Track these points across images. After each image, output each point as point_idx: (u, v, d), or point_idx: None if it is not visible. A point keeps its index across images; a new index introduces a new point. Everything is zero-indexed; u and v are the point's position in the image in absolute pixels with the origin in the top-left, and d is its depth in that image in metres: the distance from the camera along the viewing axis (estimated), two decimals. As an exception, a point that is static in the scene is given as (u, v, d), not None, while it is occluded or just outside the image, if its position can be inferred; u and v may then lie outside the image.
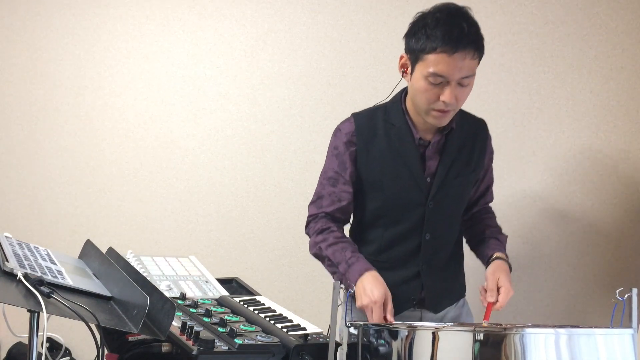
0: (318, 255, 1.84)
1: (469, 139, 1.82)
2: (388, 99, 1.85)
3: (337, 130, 1.84)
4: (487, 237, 1.86)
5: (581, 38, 2.48)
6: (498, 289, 1.67)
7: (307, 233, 1.89)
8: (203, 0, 2.72)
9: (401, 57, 1.72)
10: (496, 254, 1.78)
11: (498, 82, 2.52)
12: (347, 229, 1.92)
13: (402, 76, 1.74)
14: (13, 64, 2.82)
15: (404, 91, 1.80)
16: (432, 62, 1.60)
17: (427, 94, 1.65)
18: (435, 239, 1.81)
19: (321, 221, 1.84)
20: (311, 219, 1.88)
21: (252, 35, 2.69)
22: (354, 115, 1.84)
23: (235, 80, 2.70)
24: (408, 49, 1.68)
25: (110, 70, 2.78)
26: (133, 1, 2.76)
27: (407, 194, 1.78)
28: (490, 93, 2.52)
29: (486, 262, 1.80)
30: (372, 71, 2.59)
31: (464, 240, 1.97)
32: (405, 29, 1.69)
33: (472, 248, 1.94)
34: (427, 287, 1.82)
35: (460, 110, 1.80)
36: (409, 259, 1.82)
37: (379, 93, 2.58)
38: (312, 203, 1.89)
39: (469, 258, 1.94)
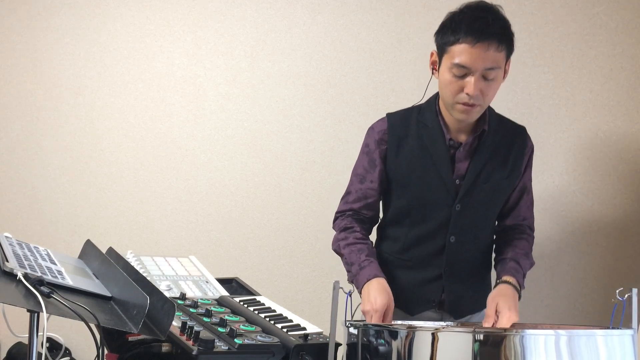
0: (337, 252, 1.86)
1: (504, 144, 1.79)
2: (423, 100, 1.85)
3: (370, 128, 1.85)
4: (507, 259, 1.77)
5: (581, 38, 2.48)
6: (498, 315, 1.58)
7: (333, 228, 1.91)
8: (203, 0, 2.71)
9: (431, 54, 1.74)
10: (504, 277, 1.70)
11: (498, 82, 2.52)
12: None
13: (432, 73, 1.75)
14: (13, 64, 2.82)
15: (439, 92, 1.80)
16: (456, 53, 1.61)
17: (451, 87, 1.65)
18: (460, 242, 1.79)
19: (347, 219, 1.85)
20: (338, 215, 1.90)
21: (252, 35, 2.69)
22: (388, 114, 1.85)
23: (235, 80, 2.70)
24: (436, 45, 1.70)
25: (110, 70, 2.78)
26: (133, 1, 2.76)
27: (434, 194, 1.77)
28: (490, 93, 2.51)
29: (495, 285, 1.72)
30: (372, 71, 2.59)
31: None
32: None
33: (494, 266, 1.86)
34: (448, 290, 1.80)
35: (499, 116, 1.82)
36: (432, 260, 1.81)
37: (378, 93, 2.60)
38: (341, 198, 1.91)
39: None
